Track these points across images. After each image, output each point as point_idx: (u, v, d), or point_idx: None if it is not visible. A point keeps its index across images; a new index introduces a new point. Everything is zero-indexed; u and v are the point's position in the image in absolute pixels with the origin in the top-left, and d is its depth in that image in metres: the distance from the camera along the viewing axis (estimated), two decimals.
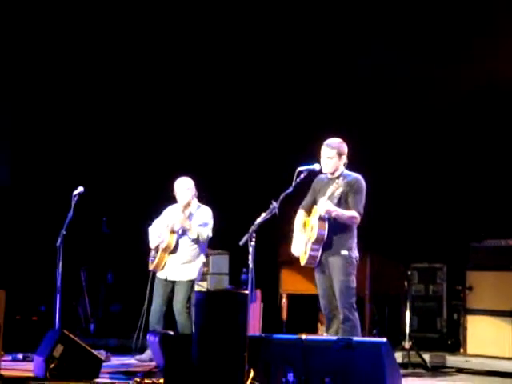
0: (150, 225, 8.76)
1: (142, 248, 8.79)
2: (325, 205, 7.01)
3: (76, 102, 11.52)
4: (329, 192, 7.08)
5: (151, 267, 8.58)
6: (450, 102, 9.83)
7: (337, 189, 7.06)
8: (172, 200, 8.68)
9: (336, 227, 7.14)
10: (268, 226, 6.92)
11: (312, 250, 7.16)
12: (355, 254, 7.21)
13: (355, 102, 10.28)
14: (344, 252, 7.14)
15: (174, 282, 8.53)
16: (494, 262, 8.69)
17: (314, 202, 7.32)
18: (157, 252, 8.54)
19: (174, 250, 8.51)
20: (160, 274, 8.58)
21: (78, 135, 11.50)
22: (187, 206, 8.56)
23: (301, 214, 7.45)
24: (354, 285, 7.17)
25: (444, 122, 9.94)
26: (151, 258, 8.60)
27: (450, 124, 9.91)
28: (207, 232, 8.50)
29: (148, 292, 8.56)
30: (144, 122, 11.41)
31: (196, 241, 8.51)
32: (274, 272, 9.59)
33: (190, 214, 8.53)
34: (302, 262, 7.30)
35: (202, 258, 8.65)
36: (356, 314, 7.14)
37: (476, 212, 9.61)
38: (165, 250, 8.49)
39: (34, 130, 11.59)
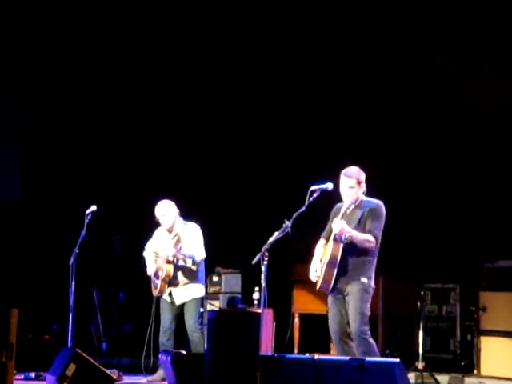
0: (143, 249, 8.77)
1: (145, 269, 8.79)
2: (339, 224, 6.98)
3: (89, 120, 11.58)
4: (342, 210, 7.07)
5: (155, 293, 8.56)
6: (463, 124, 9.84)
7: (353, 210, 7.05)
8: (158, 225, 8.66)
9: (357, 253, 7.08)
10: (281, 245, 6.91)
11: (326, 272, 7.08)
12: (373, 283, 7.16)
13: (368, 122, 10.29)
14: (364, 279, 7.07)
15: (181, 304, 8.53)
16: (508, 283, 8.64)
17: None
18: (157, 278, 8.52)
19: (174, 277, 8.46)
20: (166, 297, 8.55)
21: (90, 153, 11.55)
22: (173, 227, 8.50)
23: (321, 244, 7.37)
24: (369, 313, 7.09)
25: (456, 143, 9.93)
26: (154, 284, 8.59)
27: (463, 145, 9.90)
28: (201, 255, 8.43)
29: (153, 316, 8.54)
30: (156, 142, 11.45)
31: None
32: (286, 291, 9.56)
33: (178, 240, 8.36)
34: (317, 286, 7.26)
35: (203, 275, 8.63)
36: (371, 339, 7.05)
37: (489, 233, 9.57)
38: (164, 279, 8.45)
39: (45, 149, 11.65)
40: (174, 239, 8.35)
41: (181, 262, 8.41)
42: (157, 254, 8.59)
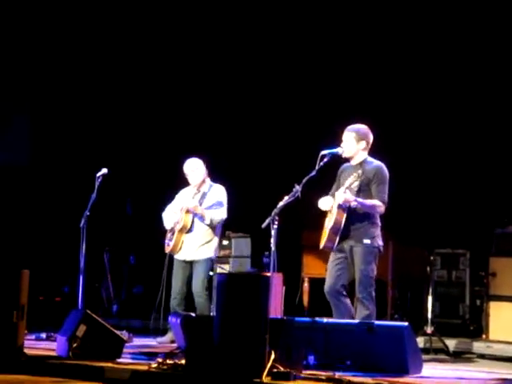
0: (163, 210, 8.79)
1: (164, 230, 8.81)
2: (342, 195, 6.99)
3: (100, 81, 11.57)
4: (347, 183, 7.07)
5: (168, 250, 8.61)
6: (474, 89, 9.80)
7: (355, 180, 7.04)
8: (186, 183, 8.70)
9: (358, 216, 7.12)
10: (291, 209, 6.91)
11: (329, 236, 7.13)
12: (378, 242, 7.17)
13: (379, 85, 10.25)
14: (366, 241, 7.11)
15: (192, 263, 8.56)
16: None
17: None
18: (173, 234, 8.56)
19: (190, 230, 8.53)
20: (178, 256, 8.60)
21: (101, 115, 11.55)
22: (200, 186, 8.57)
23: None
24: (374, 274, 7.14)
25: (467, 106, 9.89)
26: (167, 242, 8.63)
27: (474, 109, 9.86)
28: (221, 216, 8.50)
29: (165, 275, 8.59)
30: (167, 103, 11.45)
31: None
32: (296, 256, 9.58)
33: (204, 194, 8.52)
34: (321, 246, 7.29)
35: (217, 237, 8.67)
36: (373, 304, 7.11)
37: (500, 198, 9.55)
38: (181, 230, 8.51)
39: (55, 113, 11.65)
40: (198, 194, 8.44)
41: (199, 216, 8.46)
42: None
